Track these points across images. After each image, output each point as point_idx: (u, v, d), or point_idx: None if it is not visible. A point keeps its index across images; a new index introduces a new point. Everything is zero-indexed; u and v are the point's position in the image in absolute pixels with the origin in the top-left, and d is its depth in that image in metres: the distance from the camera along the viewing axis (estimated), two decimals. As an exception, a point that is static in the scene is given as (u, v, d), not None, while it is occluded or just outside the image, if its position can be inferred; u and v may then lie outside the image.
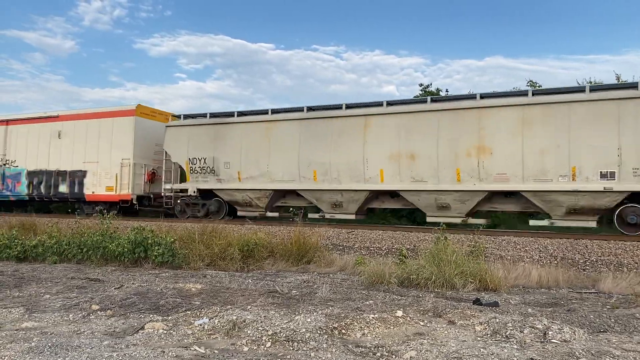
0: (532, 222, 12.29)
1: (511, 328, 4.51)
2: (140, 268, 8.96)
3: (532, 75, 64.16)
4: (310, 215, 14.44)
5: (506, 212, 14.10)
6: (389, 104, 13.49)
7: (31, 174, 18.62)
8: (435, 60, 57.51)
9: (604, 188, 10.82)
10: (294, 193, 14.64)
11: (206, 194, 15.89)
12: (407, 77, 56.58)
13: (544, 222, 11.84)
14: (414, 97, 24.14)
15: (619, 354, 3.89)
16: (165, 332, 4.58)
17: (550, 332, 4.38)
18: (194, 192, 15.75)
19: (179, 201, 16.14)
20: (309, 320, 4.64)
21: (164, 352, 3.91)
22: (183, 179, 16.56)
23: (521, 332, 4.43)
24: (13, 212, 18.19)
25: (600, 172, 10.89)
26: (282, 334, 4.30)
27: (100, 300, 5.83)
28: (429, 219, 12.95)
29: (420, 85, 24.46)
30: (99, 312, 5.38)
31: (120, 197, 16.86)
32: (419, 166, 12.63)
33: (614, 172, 10.78)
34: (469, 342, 4.27)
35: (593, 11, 51.00)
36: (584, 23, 51.18)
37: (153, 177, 17.30)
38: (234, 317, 4.76)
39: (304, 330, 4.37)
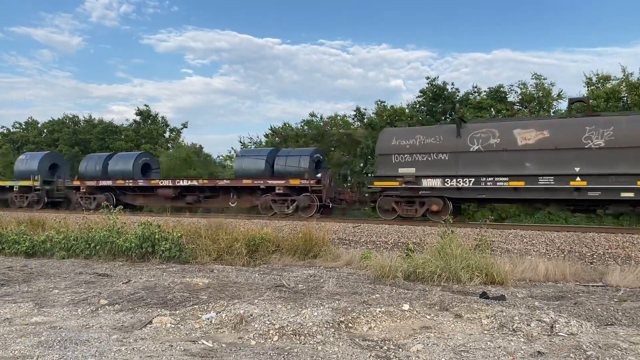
0: None
1: (518, 321, 4.51)
2: (147, 263, 9.01)
3: (541, 68, 63.73)
4: None
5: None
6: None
7: None
8: (443, 53, 57.22)
9: None
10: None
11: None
12: (414, 71, 56.36)
13: None
14: (420, 90, 24.12)
15: (627, 346, 3.88)
16: (173, 326, 4.61)
17: (557, 326, 4.37)
18: None
19: None
20: (315, 314, 4.65)
21: (172, 346, 3.94)
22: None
23: (528, 325, 4.42)
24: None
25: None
26: (289, 327, 4.32)
27: (108, 295, 5.88)
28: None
29: (427, 78, 24.29)
30: (107, 306, 5.42)
31: None
32: None
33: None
34: (475, 335, 4.27)
35: (602, 3, 50.56)
36: (593, 15, 50.78)
37: None
38: (241, 311, 4.78)
39: (310, 324, 4.39)
